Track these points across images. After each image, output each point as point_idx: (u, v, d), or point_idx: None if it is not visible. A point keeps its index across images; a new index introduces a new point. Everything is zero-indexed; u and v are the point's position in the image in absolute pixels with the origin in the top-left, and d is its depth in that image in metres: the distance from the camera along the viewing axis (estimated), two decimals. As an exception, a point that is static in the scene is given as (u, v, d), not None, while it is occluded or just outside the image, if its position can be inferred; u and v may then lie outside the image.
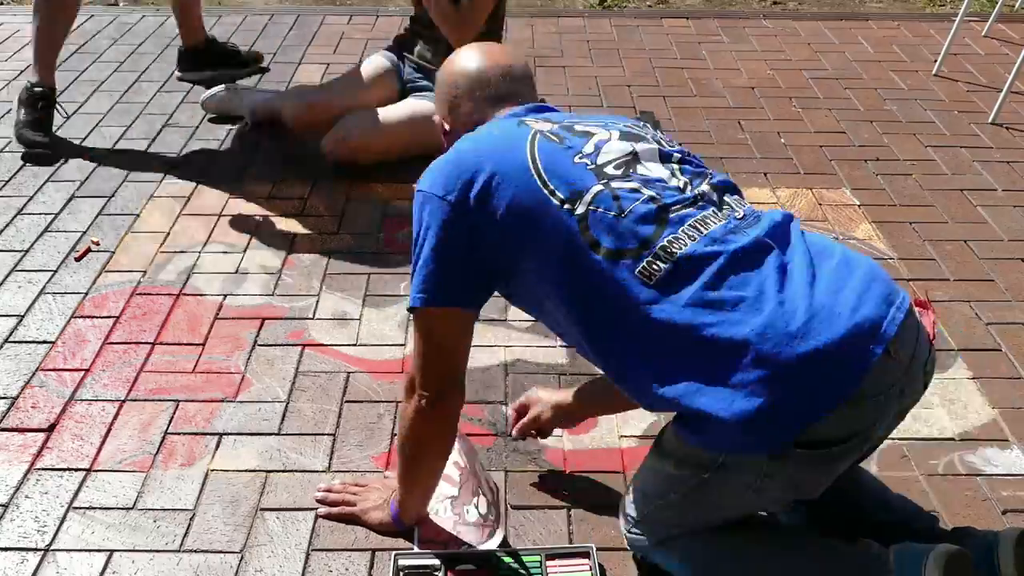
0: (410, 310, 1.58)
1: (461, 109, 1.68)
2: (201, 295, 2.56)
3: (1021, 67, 3.55)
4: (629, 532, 1.70)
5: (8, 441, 2.07)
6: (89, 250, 2.75)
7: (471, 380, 2.23)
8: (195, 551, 1.80)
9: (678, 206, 1.47)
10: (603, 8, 5.10)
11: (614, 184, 1.48)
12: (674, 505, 1.57)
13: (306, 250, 2.77)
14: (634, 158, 1.53)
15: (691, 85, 3.89)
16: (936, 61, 4.04)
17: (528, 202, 1.47)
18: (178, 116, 3.60)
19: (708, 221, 1.47)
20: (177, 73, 3.87)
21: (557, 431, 2.07)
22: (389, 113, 3.17)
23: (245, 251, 2.76)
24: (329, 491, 1.89)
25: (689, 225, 1.45)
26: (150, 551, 1.80)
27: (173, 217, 2.92)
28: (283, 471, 1.99)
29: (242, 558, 1.79)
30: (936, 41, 4.31)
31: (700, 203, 1.49)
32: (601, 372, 1.66)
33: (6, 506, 1.90)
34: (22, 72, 3.96)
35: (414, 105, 3.20)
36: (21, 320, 2.45)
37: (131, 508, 1.90)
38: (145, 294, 2.56)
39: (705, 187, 1.52)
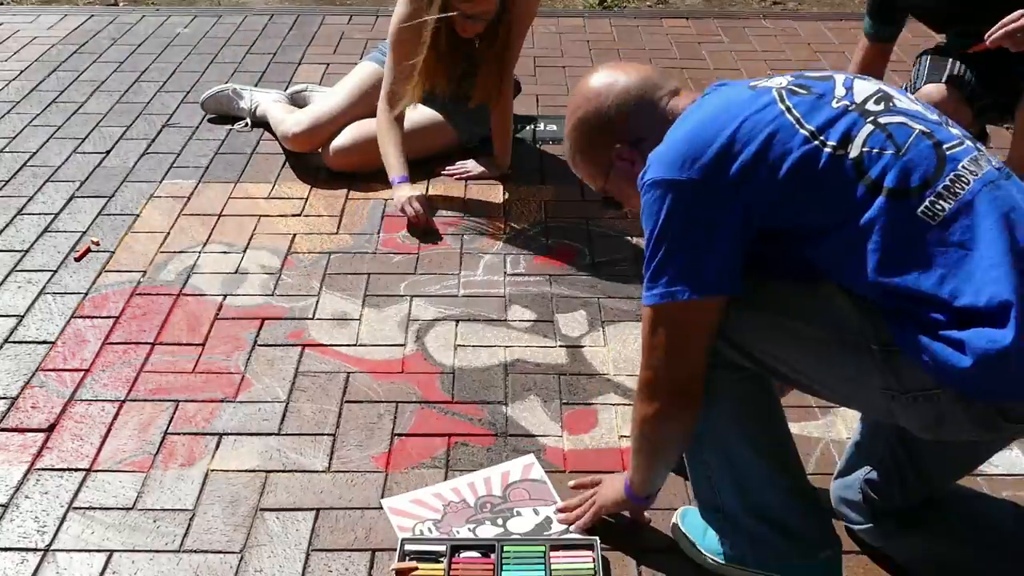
0: (656, 307, 1.44)
1: (645, 116, 1.54)
2: (201, 295, 2.56)
3: (1021, 67, 3.54)
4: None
5: (8, 441, 2.07)
6: (89, 250, 2.75)
7: (471, 380, 2.24)
8: (195, 551, 1.80)
9: (951, 144, 1.40)
10: (603, 8, 5.10)
11: (882, 120, 1.40)
12: (798, 336, 1.45)
13: (306, 250, 2.77)
14: (886, 94, 1.46)
15: (691, 85, 3.88)
16: (936, 61, 4.03)
17: (797, 157, 1.37)
18: (178, 116, 3.60)
19: (980, 162, 1.40)
20: None
21: (555, 430, 2.08)
22: None
23: (245, 251, 2.76)
24: (566, 510, 1.85)
25: (967, 162, 1.38)
26: (150, 551, 1.80)
27: (173, 217, 2.92)
28: (283, 471, 1.99)
29: (242, 558, 1.79)
30: (936, 41, 4.30)
31: (965, 142, 1.42)
32: None
33: (6, 506, 1.90)
34: (22, 72, 3.96)
35: (416, 116, 3.18)
36: (21, 320, 2.45)
37: (131, 508, 1.90)
38: (145, 294, 2.56)
39: (956, 128, 1.45)
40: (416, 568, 1.74)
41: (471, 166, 3.17)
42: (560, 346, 2.37)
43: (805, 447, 2.04)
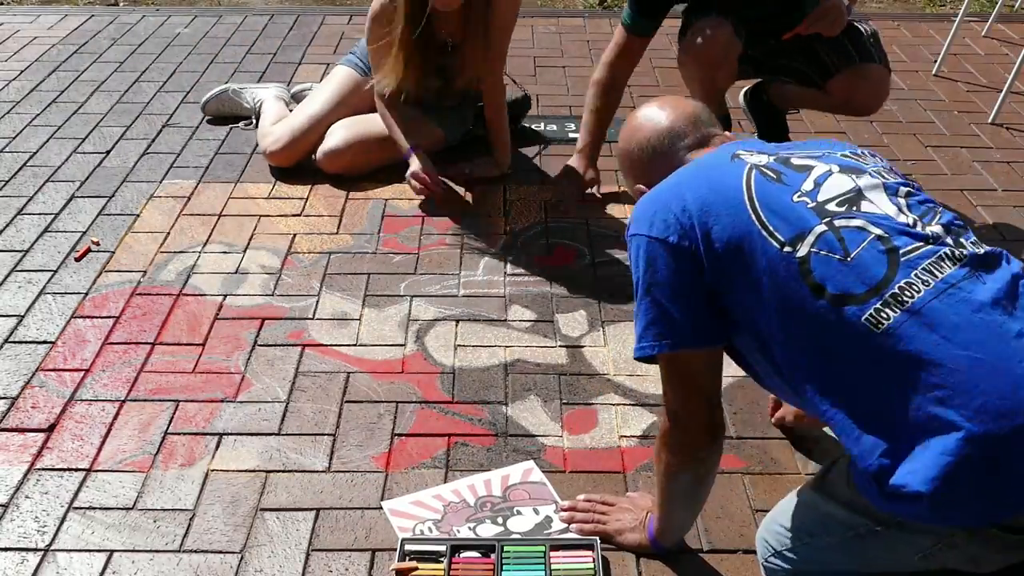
0: (650, 359, 1.52)
1: (659, 164, 1.62)
2: (201, 295, 2.56)
3: (1021, 67, 3.55)
4: (767, 562, 1.64)
5: (8, 441, 2.07)
6: (89, 250, 2.75)
7: (471, 380, 2.24)
8: (195, 551, 1.80)
9: (910, 248, 1.36)
10: (603, 8, 5.10)
11: (837, 222, 1.39)
12: (826, 548, 1.51)
13: (306, 250, 2.77)
14: (858, 194, 1.43)
15: (691, 85, 3.88)
16: (936, 61, 4.04)
17: (744, 242, 1.41)
18: (178, 116, 3.60)
19: (943, 264, 1.35)
20: None
21: (555, 430, 2.08)
22: (377, 125, 3.10)
23: (245, 251, 2.76)
24: (574, 509, 1.88)
25: (923, 269, 1.34)
26: (150, 551, 1.80)
27: (173, 217, 2.92)
28: (283, 471, 1.99)
29: (242, 558, 1.79)
30: (936, 41, 4.31)
31: (932, 243, 1.37)
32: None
33: (6, 506, 1.90)
34: (22, 72, 3.96)
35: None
36: (21, 320, 2.45)
37: (131, 508, 1.90)
38: (145, 294, 2.56)
39: (937, 227, 1.40)
40: (416, 568, 1.74)
41: (471, 167, 3.17)
42: (560, 346, 2.37)
43: (806, 448, 2.04)
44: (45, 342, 2.37)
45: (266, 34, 4.41)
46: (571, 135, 3.45)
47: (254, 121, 3.45)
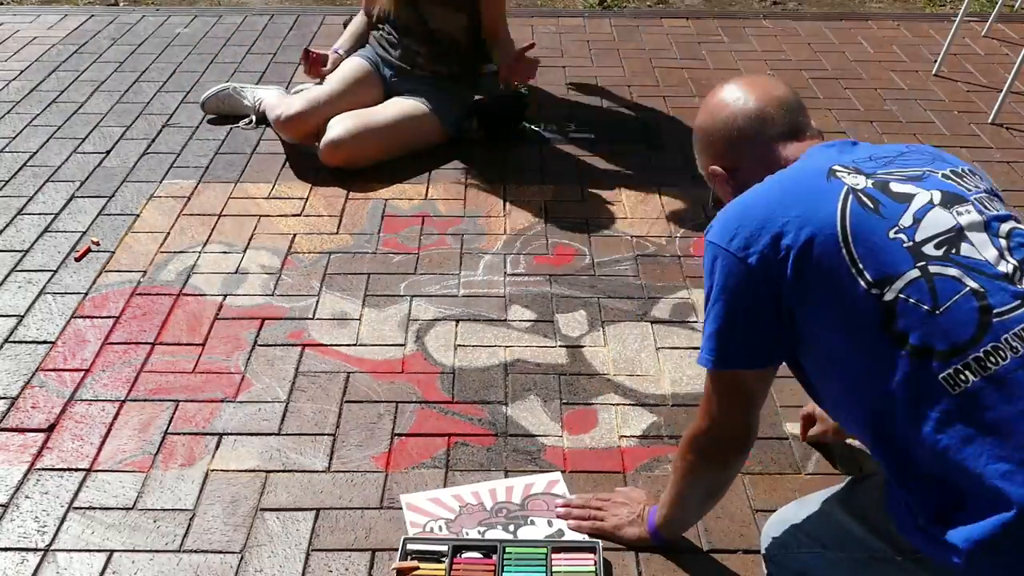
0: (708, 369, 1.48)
1: (744, 149, 1.53)
2: (201, 295, 2.56)
3: (1021, 67, 3.55)
4: (772, 558, 1.61)
5: (8, 441, 2.07)
6: (89, 250, 2.75)
7: (471, 380, 2.24)
8: (195, 551, 1.80)
9: (1004, 309, 1.27)
10: (603, 8, 5.10)
11: (932, 268, 1.29)
12: (835, 562, 1.49)
13: (306, 250, 2.77)
14: (958, 234, 1.33)
15: (691, 85, 3.88)
16: (936, 61, 4.04)
17: (830, 276, 1.33)
18: (178, 116, 3.60)
19: None
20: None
21: (555, 430, 2.08)
22: (379, 116, 3.17)
23: (245, 251, 2.76)
24: (569, 506, 1.88)
25: (1014, 334, 1.26)
26: (150, 551, 1.80)
27: (173, 217, 2.92)
28: (283, 471, 1.99)
29: (242, 558, 1.79)
30: (936, 41, 4.31)
31: None
32: None
33: (6, 506, 1.90)
34: (22, 72, 3.96)
35: (402, 105, 3.22)
36: (21, 320, 2.45)
37: (131, 508, 1.90)
38: (145, 294, 2.56)
39: None
40: (417, 567, 1.74)
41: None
42: (560, 346, 2.37)
43: (806, 448, 2.04)
44: (45, 342, 2.37)
45: (266, 34, 4.41)
46: (571, 135, 3.46)
47: (254, 120, 3.45)
